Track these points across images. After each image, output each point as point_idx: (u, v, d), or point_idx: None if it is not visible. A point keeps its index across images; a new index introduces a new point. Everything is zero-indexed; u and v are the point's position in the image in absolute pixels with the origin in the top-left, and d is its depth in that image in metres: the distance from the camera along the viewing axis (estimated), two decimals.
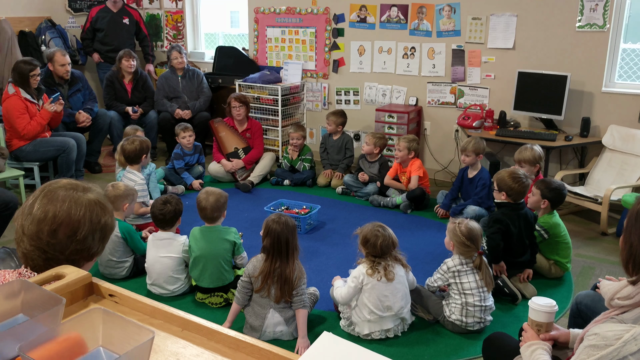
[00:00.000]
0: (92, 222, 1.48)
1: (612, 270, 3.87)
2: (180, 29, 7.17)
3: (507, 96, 5.21)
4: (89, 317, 0.88)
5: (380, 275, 2.95)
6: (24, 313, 1.00)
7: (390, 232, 3.03)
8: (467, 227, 3.07)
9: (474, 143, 4.53)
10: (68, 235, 1.45)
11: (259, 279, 2.91)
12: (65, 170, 5.18)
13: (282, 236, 2.88)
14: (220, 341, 1.12)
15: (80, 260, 1.50)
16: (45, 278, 1.25)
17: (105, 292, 1.28)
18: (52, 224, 1.44)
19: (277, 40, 6.48)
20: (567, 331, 2.11)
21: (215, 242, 3.34)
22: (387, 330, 3.02)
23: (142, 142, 4.38)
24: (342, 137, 5.64)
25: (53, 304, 0.94)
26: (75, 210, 1.46)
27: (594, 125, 4.92)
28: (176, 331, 1.16)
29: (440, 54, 5.57)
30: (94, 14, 6.58)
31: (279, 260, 2.90)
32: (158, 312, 1.20)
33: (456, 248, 3.10)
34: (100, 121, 5.82)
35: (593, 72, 4.88)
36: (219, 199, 3.40)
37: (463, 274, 3.07)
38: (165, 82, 6.25)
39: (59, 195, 1.48)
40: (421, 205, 4.93)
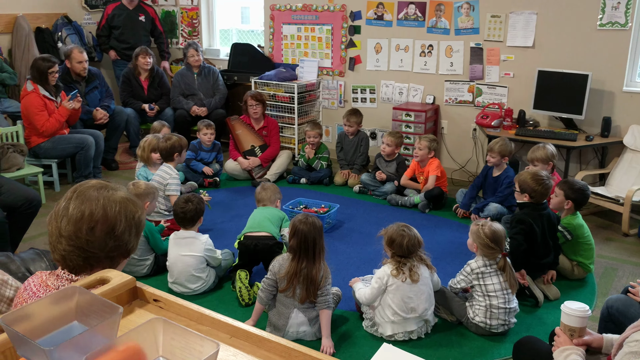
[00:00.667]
0: (127, 218, 1.50)
1: (635, 272, 3.84)
2: (195, 26, 7.16)
3: (526, 95, 5.17)
4: (150, 327, 0.87)
5: (405, 277, 2.93)
6: (78, 320, 0.99)
7: (416, 232, 3.02)
8: (490, 229, 3.04)
9: (500, 145, 4.48)
10: (106, 232, 1.46)
11: (284, 279, 2.90)
12: (83, 168, 5.19)
13: (310, 236, 2.87)
14: (271, 349, 1.10)
15: (118, 257, 1.53)
16: (89, 282, 1.25)
17: (149, 296, 1.27)
18: (90, 222, 1.45)
19: (292, 37, 6.46)
20: (600, 336, 2.09)
21: (267, 209, 3.86)
22: (411, 332, 3.01)
23: (177, 140, 4.44)
24: (358, 136, 5.61)
25: (109, 312, 0.93)
26: (110, 208, 1.48)
27: (614, 125, 4.87)
28: (224, 338, 1.15)
29: (458, 52, 5.53)
30: (110, 11, 6.58)
31: (306, 260, 2.89)
32: (205, 318, 1.19)
33: (480, 250, 3.08)
34: (117, 118, 5.83)
35: (614, 71, 4.82)
36: (275, 190, 3.96)
37: (487, 275, 3.04)
38: (181, 80, 6.25)
39: (92, 195, 1.49)
40: (439, 204, 4.90)
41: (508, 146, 4.49)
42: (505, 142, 4.51)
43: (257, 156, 5.61)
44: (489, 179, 4.63)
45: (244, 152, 5.63)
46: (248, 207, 4.84)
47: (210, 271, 3.53)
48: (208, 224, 4.37)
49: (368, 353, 2.92)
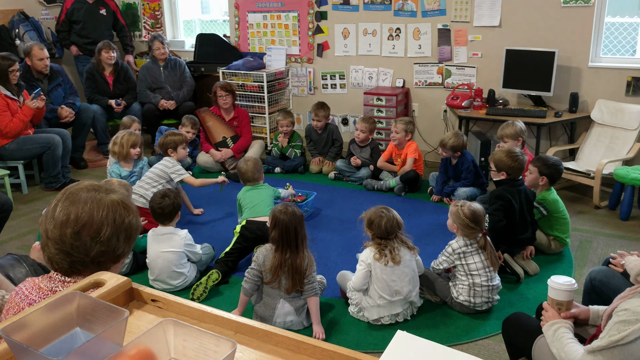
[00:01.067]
0: (115, 222, 1.46)
1: (609, 243, 3.93)
2: (158, 18, 7.02)
3: (495, 74, 5.22)
4: (160, 329, 0.85)
5: (387, 260, 2.94)
6: (80, 327, 0.95)
7: (395, 214, 3.04)
8: (470, 209, 3.07)
9: (453, 141, 4.46)
10: (92, 237, 1.42)
11: (269, 272, 2.88)
12: (51, 168, 5.05)
13: (291, 226, 2.86)
14: (278, 343, 1.09)
15: (106, 262, 1.48)
16: (84, 286, 1.21)
17: (147, 297, 1.24)
18: (75, 226, 1.41)
19: (258, 25, 6.39)
20: (586, 308, 2.13)
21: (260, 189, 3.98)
22: (397, 315, 3.03)
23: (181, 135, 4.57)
24: (327, 130, 5.56)
25: (114, 316, 0.90)
26: (97, 211, 1.44)
27: (582, 100, 4.96)
28: (229, 335, 1.13)
29: (426, 34, 5.54)
30: (69, 5, 6.38)
31: (289, 250, 2.87)
32: (207, 315, 1.16)
33: (460, 230, 3.11)
34: (84, 115, 5.69)
35: (580, 47, 4.90)
36: (257, 162, 4.04)
37: (469, 255, 3.08)
38: (147, 73, 6.12)
39: (81, 197, 1.44)
40: (415, 187, 4.93)
41: (461, 141, 4.50)
42: (458, 137, 4.50)
43: (229, 147, 5.55)
44: (449, 168, 4.68)
45: (216, 143, 5.57)
46: (222, 200, 4.81)
47: (191, 266, 3.49)
48: (183, 218, 4.31)
49: (356, 338, 2.93)
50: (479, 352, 2.82)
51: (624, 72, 4.81)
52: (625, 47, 5.03)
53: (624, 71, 4.81)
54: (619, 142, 4.68)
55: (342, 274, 3.26)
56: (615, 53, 5.03)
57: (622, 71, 4.81)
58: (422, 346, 0.88)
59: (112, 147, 4.39)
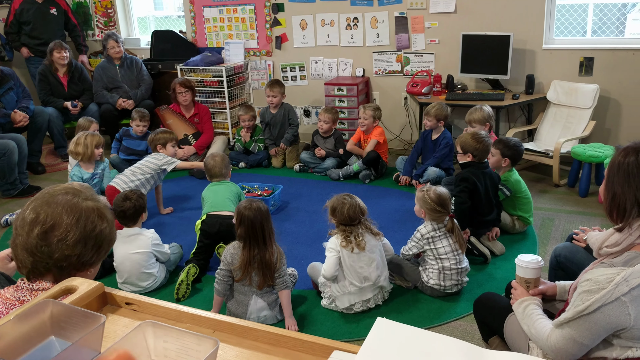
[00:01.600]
0: (85, 228, 1.43)
1: (570, 219, 4.04)
2: (111, 16, 6.86)
3: (453, 60, 5.29)
4: (139, 332, 0.83)
5: (352, 246, 2.95)
6: (55, 335, 0.93)
7: (358, 200, 3.05)
8: (435, 193, 3.12)
9: (436, 109, 4.59)
10: (58, 239, 1.40)
11: (239, 270, 2.86)
12: (8, 175, 4.89)
13: (257, 222, 2.84)
14: (257, 338, 1.08)
15: (68, 268, 1.44)
16: (55, 293, 1.18)
17: (121, 300, 1.22)
18: (43, 226, 1.40)
19: (215, 20, 6.31)
20: (553, 284, 2.19)
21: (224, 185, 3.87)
22: (367, 301, 3.04)
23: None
24: (282, 109, 5.49)
25: (90, 322, 0.88)
26: (68, 215, 1.42)
27: (537, 82, 5.07)
28: (208, 333, 1.12)
29: (384, 23, 5.57)
30: (17, 6, 6.18)
31: (257, 246, 2.85)
32: (184, 315, 1.15)
33: (428, 215, 3.15)
34: (39, 119, 5.52)
35: (533, 30, 5.00)
36: (224, 158, 3.95)
37: (437, 239, 3.12)
38: (103, 73, 5.99)
39: (57, 199, 1.43)
40: (378, 170, 4.96)
41: (444, 110, 4.61)
42: (442, 106, 4.62)
43: (191, 144, 5.49)
44: (428, 143, 4.74)
45: (178, 141, 5.49)
46: (188, 198, 4.77)
47: (160, 267, 3.45)
48: (151, 218, 4.25)
49: (331, 328, 2.95)
50: (451, 333, 2.87)
51: (576, 52, 4.93)
52: (577, 29, 5.16)
53: (576, 52, 4.93)
54: (574, 121, 4.81)
55: (313, 265, 3.26)
56: (567, 35, 5.16)
57: (575, 52, 4.93)
58: (403, 331, 0.89)
59: (74, 149, 4.24)
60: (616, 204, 1.78)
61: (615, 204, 1.78)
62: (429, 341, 0.88)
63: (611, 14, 5.10)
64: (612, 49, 4.82)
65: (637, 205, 1.74)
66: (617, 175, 1.78)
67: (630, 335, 1.71)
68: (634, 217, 1.74)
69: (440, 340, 0.88)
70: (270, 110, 5.51)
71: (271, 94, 5.41)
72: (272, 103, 5.45)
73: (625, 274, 1.66)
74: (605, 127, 4.95)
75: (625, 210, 1.76)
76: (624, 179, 1.75)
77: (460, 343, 0.87)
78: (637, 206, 1.74)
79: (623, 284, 1.65)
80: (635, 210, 1.74)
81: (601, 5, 5.17)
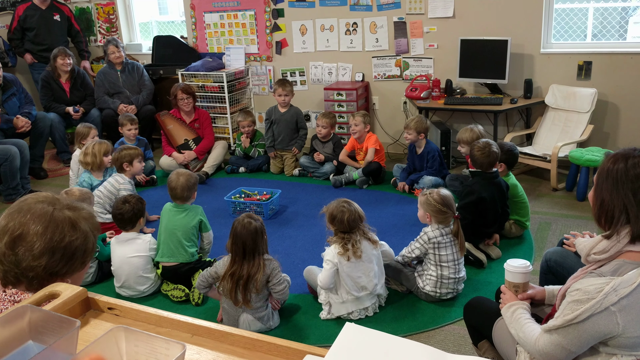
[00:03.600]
0: (51, 240, 1.40)
1: (567, 224, 4.05)
2: (113, 21, 6.92)
3: (451, 64, 5.31)
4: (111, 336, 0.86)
5: (349, 254, 2.95)
6: (33, 340, 0.96)
7: (356, 207, 3.04)
8: (438, 194, 3.11)
9: (416, 122, 4.62)
10: (25, 249, 1.39)
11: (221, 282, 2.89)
12: (10, 180, 4.94)
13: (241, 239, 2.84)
14: (234, 343, 1.11)
15: (36, 278, 1.42)
16: (39, 299, 1.21)
17: (103, 305, 1.25)
18: (12, 234, 1.39)
19: (216, 25, 6.36)
20: (542, 289, 2.20)
21: (179, 216, 3.45)
22: (366, 309, 3.05)
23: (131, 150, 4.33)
24: (291, 110, 5.47)
25: (66, 327, 0.91)
26: (35, 224, 1.40)
27: (536, 86, 5.09)
28: (186, 338, 1.15)
29: (383, 28, 5.60)
30: (21, 12, 6.25)
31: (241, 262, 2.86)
32: (164, 320, 1.18)
33: (433, 218, 3.13)
34: (41, 125, 5.58)
35: (531, 35, 5.02)
36: (189, 179, 3.51)
37: (442, 245, 3.10)
38: (104, 78, 6.04)
39: (31, 207, 1.42)
40: (378, 178, 4.99)
41: (423, 123, 4.63)
42: (421, 119, 4.66)
43: (191, 149, 5.53)
44: (415, 156, 4.77)
45: (178, 146, 5.54)
46: None
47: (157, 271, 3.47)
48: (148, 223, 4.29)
49: (325, 334, 2.96)
50: (445, 337, 2.88)
51: (574, 56, 4.94)
52: (577, 32, 5.17)
53: (574, 56, 4.94)
54: (572, 125, 4.82)
55: (309, 269, 3.28)
56: (567, 38, 5.17)
57: (573, 56, 4.95)
58: (370, 336, 0.91)
59: (84, 159, 4.32)
60: (604, 211, 1.79)
61: (604, 211, 1.80)
62: (395, 346, 0.90)
63: (611, 17, 5.11)
64: (611, 52, 4.83)
65: (625, 212, 1.75)
66: (605, 182, 1.79)
67: (617, 343, 1.73)
68: (622, 224, 1.76)
69: (406, 344, 0.90)
70: (278, 108, 5.47)
71: (283, 92, 5.37)
72: (285, 102, 5.41)
73: (614, 284, 1.67)
74: (603, 131, 4.96)
75: (613, 217, 1.77)
76: (612, 186, 1.76)
77: (424, 347, 0.89)
78: (625, 213, 1.75)
79: (612, 293, 1.66)
80: (623, 218, 1.75)
81: (601, 9, 5.19)
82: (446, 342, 2.85)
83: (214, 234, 4.00)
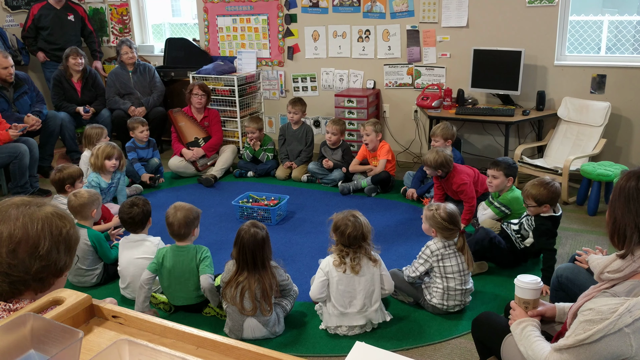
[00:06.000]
0: (52, 234, 1.42)
1: (577, 238, 4.00)
2: (126, 22, 6.94)
3: (463, 74, 5.27)
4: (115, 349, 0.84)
5: (346, 267, 2.90)
6: (35, 349, 0.94)
7: (363, 222, 2.93)
8: (445, 210, 3.05)
9: (442, 129, 4.59)
10: (29, 253, 1.38)
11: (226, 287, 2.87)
12: (19, 177, 4.95)
13: (248, 247, 2.82)
14: (239, 357, 1.08)
15: (48, 278, 1.44)
16: (42, 305, 1.19)
17: (107, 313, 1.23)
18: (10, 244, 1.37)
19: (228, 29, 6.36)
20: (552, 306, 2.17)
21: (181, 259, 3.10)
22: (353, 328, 2.97)
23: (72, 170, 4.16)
24: (302, 127, 5.54)
25: (68, 337, 0.89)
26: (32, 226, 1.39)
27: (548, 98, 5.05)
28: (191, 350, 1.12)
29: (395, 36, 5.58)
30: (36, 12, 6.28)
31: (246, 271, 2.84)
32: (169, 330, 1.16)
33: (439, 233, 3.08)
34: (51, 123, 5.59)
35: (545, 46, 4.98)
36: (188, 214, 3.11)
37: (446, 257, 3.05)
38: (115, 79, 6.05)
39: (11, 214, 1.40)
40: (387, 187, 4.96)
41: (450, 129, 4.59)
42: (447, 126, 4.61)
43: (200, 147, 5.54)
44: None
45: (188, 143, 5.55)
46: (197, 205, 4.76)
47: None
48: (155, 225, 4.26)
49: (328, 345, 2.93)
50: (451, 351, 2.84)
51: (588, 69, 4.90)
52: (591, 45, 5.13)
53: (588, 69, 4.90)
54: (585, 138, 4.77)
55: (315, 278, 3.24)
56: (580, 51, 5.13)
57: (587, 69, 4.91)
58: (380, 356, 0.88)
59: (90, 159, 4.38)
60: (617, 229, 1.76)
61: (616, 229, 1.76)
62: None
63: (626, 30, 5.06)
64: (626, 66, 4.79)
65: (638, 231, 1.71)
66: (618, 200, 1.76)
67: None
68: (635, 243, 1.72)
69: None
70: (291, 126, 5.55)
71: (292, 110, 5.46)
72: (293, 120, 5.49)
73: (628, 305, 1.63)
74: (616, 145, 4.91)
75: (625, 236, 1.74)
76: (624, 204, 1.73)
77: None
78: (637, 232, 1.71)
79: (626, 315, 1.62)
80: (635, 237, 1.72)
81: (616, 22, 5.15)
82: (453, 356, 2.81)
83: (219, 237, 4.00)
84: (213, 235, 4.21)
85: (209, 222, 4.43)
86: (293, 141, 5.56)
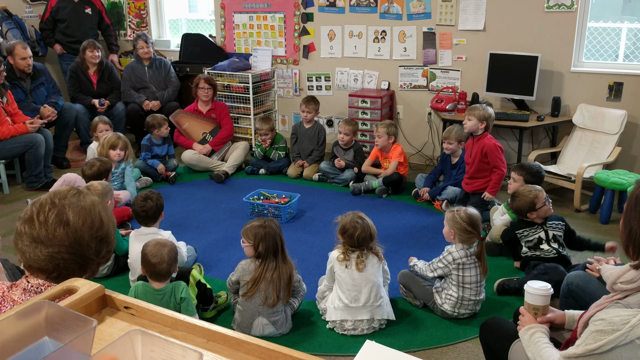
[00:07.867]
0: (111, 221, 1.51)
1: None
2: (143, 17, 6.98)
3: (479, 78, 5.25)
4: (127, 339, 0.85)
5: (350, 264, 2.93)
6: (49, 336, 0.95)
7: (369, 223, 2.98)
8: (466, 213, 3.03)
9: (455, 131, 4.58)
10: (101, 238, 1.46)
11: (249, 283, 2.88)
12: (33, 167, 5.01)
13: (277, 236, 2.90)
14: (249, 352, 1.09)
15: (102, 263, 1.53)
16: (56, 293, 1.20)
17: (120, 304, 1.24)
18: (92, 229, 1.44)
19: (245, 26, 6.37)
20: (562, 313, 2.15)
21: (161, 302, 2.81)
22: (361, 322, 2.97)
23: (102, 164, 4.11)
24: (315, 126, 5.55)
25: (82, 326, 0.90)
26: (104, 213, 1.49)
27: (564, 104, 5.01)
28: (201, 343, 1.13)
29: (411, 37, 5.56)
30: (54, 4, 6.33)
31: (274, 261, 2.89)
32: (180, 323, 1.17)
33: (458, 236, 3.05)
34: (66, 115, 5.64)
35: (562, 52, 4.95)
36: (171, 252, 2.84)
37: (467, 267, 3.03)
38: (131, 73, 6.09)
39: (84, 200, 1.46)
40: (398, 189, 4.95)
41: (463, 132, 4.57)
42: (459, 128, 4.59)
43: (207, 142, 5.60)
44: (448, 165, 4.72)
45: (198, 142, 5.60)
46: (208, 201, 4.81)
47: None
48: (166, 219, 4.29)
49: (334, 343, 2.93)
50: (458, 355, 2.84)
51: (605, 77, 4.86)
52: (608, 52, 5.09)
53: (605, 76, 4.86)
54: (599, 146, 4.73)
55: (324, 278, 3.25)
56: (598, 58, 5.09)
57: (604, 76, 4.87)
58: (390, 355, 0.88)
59: (97, 148, 4.45)
60: (632, 240, 1.74)
61: (631, 240, 1.74)
62: None
63: None
64: None
65: None
66: (634, 210, 1.73)
67: None
68: None
69: None
70: (304, 125, 5.56)
71: (306, 109, 5.46)
72: (306, 118, 5.50)
73: None
74: (631, 154, 4.87)
75: None
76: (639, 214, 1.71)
77: None
78: None
79: (639, 326, 1.61)
80: None
81: (635, 29, 5.10)
82: None
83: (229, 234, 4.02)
84: (223, 231, 4.23)
85: (220, 217, 4.45)
86: (305, 140, 5.57)
